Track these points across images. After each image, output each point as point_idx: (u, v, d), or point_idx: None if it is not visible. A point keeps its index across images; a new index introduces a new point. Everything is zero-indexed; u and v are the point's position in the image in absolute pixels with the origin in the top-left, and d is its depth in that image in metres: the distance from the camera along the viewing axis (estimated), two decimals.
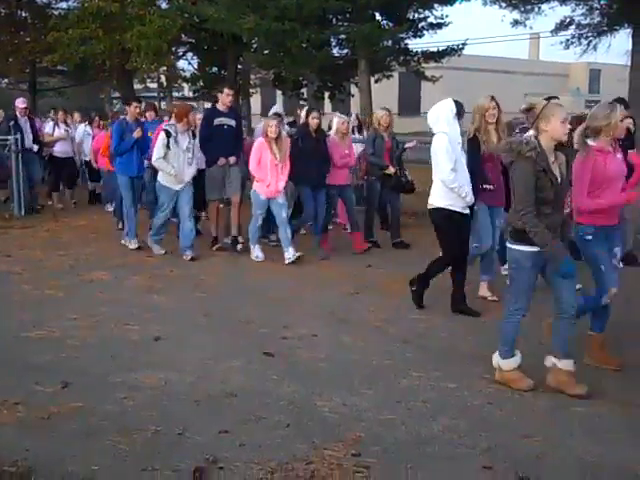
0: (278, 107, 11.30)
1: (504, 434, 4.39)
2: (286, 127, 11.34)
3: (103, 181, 13.99)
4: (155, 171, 11.71)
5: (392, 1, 20.25)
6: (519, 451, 4.17)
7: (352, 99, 27.22)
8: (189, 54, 30.62)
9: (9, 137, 13.86)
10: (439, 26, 22.87)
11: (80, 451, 4.14)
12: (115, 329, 6.48)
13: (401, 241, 10.54)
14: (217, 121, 9.92)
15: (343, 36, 22.89)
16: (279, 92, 32.57)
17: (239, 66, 27.86)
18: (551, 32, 25.86)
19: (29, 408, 4.71)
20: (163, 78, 34.74)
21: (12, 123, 13.16)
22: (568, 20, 25.16)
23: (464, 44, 23.41)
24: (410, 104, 39.77)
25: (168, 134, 9.39)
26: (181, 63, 32.34)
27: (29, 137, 13.50)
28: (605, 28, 25.22)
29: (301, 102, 26.73)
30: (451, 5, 22.71)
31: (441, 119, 6.88)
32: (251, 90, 31.50)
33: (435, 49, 23.54)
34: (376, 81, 24.07)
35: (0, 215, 12.82)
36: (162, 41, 21.53)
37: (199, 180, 10.15)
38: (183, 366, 5.53)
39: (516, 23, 25.42)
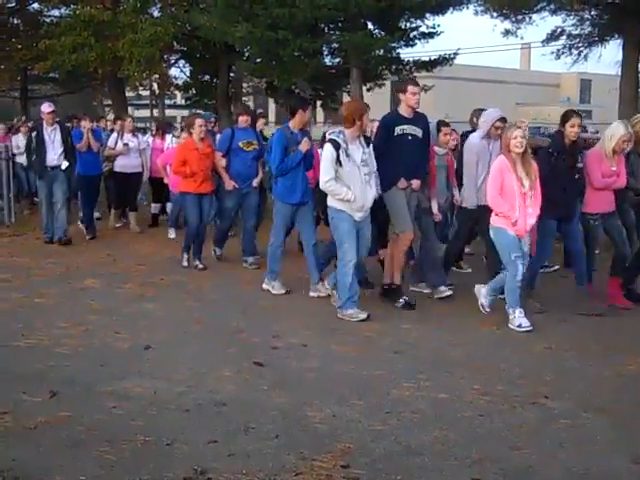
0: (498, 111, 7.92)
1: (494, 446, 4.37)
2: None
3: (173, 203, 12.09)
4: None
5: (384, 10, 20.34)
6: (509, 463, 4.16)
7: None
8: (181, 62, 30.69)
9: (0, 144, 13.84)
10: (431, 35, 22.99)
11: (67, 461, 4.11)
12: (105, 337, 6.45)
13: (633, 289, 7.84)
14: (399, 129, 7.47)
15: (335, 45, 23.00)
16: (271, 100, 32.66)
17: (231, 74, 27.90)
18: (542, 42, 26.05)
19: (16, 418, 4.67)
20: (155, 86, 34.78)
21: (34, 134, 11.18)
22: (559, 30, 25.34)
23: (456, 54, 23.56)
24: None
25: (336, 145, 7.00)
26: (173, 71, 32.42)
27: (56, 151, 11.01)
28: (596, 39, 25.40)
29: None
30: (443, 15, 22.85)
31: None
32: (243, 98, 31.56)
33: (427, 58, 23.68)
34: (368, 90, 24.18)
35: None
36: (154, 49, 21.55)
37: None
38: (173, 375, 5.50)
39: (507, 33, 25.57)
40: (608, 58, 25.38)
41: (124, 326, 6.80)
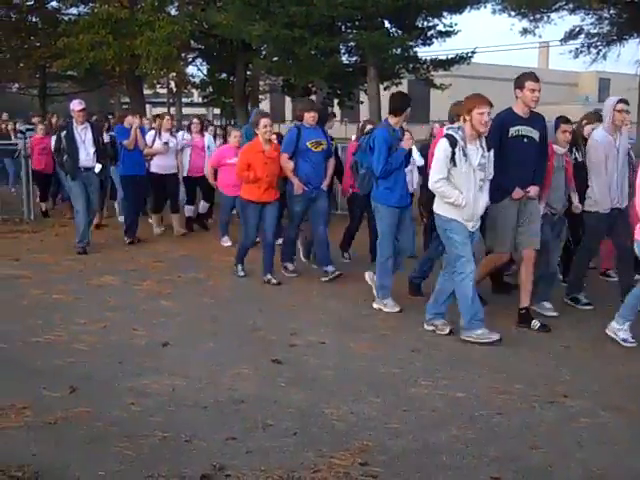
0: (617, 97, 7.39)
1: (512, 444, 4.36)
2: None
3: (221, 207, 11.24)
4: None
5: (401, 9, 20.32)
6: (527, 462, 4.15)
7: (361, 106, 27.27)
8: (198, 60, 30.82)
9: (18, 141, 13.90)
10: (448, 34, 22.96)
11: (86, 456, 4.13)
12: (123, 334, 6.48)
13: None
14: (513, 130, 6.58)
15: (352, 44, 22.99)
16: (288, 98, 32.66)
17: (248, 72, 27.95)
18: (560, 41, 25.97)
19: (36, 413, 4.71)
20: (172, 84, 34.91)
21: (64, 133, 10.19)
22: (577, 29, 25.26)
23: (473, 52, 23.49)
24: (419, 111, 39.80)
25: (453, 142, 6.17)
26: (190, 69, 32.53)
27: (87, 151, 10.21)
28: (614, 37, 25.31)
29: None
30: (460, 13, 22.81)
31: None
32: (260, 96, 31.59)
33: (444, 57, 23.61)
34: (385, 88, 24.13)
35: (10, 219, 12.86)
36: (171, 47, 21.63)
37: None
38: (191, 372, 5.52)
39: (525, 32, 25.50)
40: (627, 57, 25.28)
41: (142, 323, 6.83)
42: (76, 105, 10.25)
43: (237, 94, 27.08)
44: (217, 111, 36.09)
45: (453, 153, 6.13)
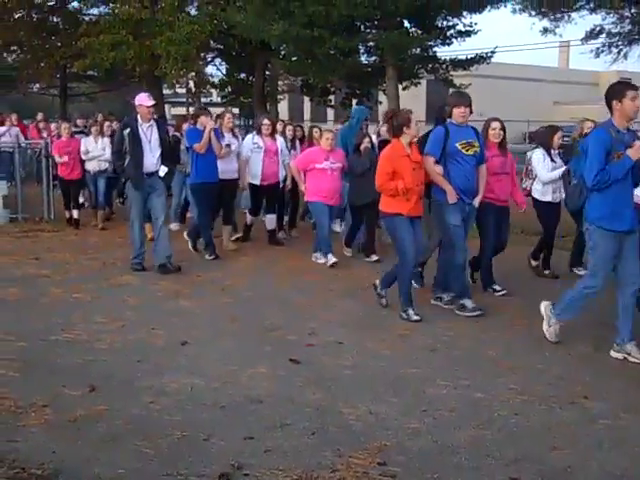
0: None
1: (531, 445, 4.34)
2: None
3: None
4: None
5: (421, 9, 20.23)
6: (547, 463, 4.12)
7: (380, 106, 27.21)
8: (217, 60, 30.86)
9: (40, 141, 13.95)
10: (468, 34, 22.83)
11: (106, 454, 4.16)
12: (142, 333, 6.51)
13: None
14: None
15: (371, 43, 22.94)
16: (307, 99, 32.66)
17: (267, 72, 27.98)
18: (581, 40, 25.74)
19: (56, 411, 4.74)
20: (191, 84, 35.00)
21: (127, 131, 8.75)
22: (598, 28, 25.04)
23: (493, 52, 23.36)
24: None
25: None
26: (209, 69, 32.60)
27: (154, 153, 8.83)
28: (636, 37, 25.07)
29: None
30: (480, 13, 22.64)
31: None
32: (279, 96, 31.60)
33: (464, 57, 23.48)
34: (404, 88, 24.05)
35: (30, 218, 12.94)
36: (191, 47, 21.70)
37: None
38: (209, 371, 5.53)
39: (546, 31, 25.30)
40: None
41: (160, 322, 6.85)
42: (145, 100, 8.78)
43: (256, 94, 27.09)
44: (236, 111, 36.17)
45: None
